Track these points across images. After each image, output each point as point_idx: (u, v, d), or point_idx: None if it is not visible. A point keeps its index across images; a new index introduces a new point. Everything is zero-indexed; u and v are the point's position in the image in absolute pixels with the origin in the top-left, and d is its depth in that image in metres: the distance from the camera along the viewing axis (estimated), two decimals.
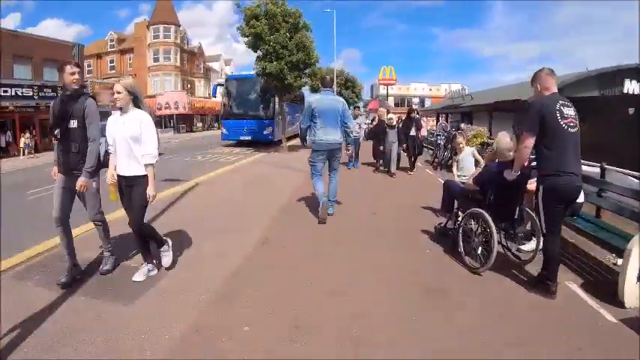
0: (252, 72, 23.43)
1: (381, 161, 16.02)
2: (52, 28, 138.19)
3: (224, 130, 29.27)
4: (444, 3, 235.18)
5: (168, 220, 8.55)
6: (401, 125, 16.09)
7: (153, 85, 62.98)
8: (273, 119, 27.29)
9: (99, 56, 68.13)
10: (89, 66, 66.42)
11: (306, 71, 22.57)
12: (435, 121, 44.28)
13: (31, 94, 36.49)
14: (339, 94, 47.53)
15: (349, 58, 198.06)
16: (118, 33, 69.75)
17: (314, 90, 50.65)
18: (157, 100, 58.76)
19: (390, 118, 15.72)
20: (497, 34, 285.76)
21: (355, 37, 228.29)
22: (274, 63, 20.73)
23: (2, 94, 34.21)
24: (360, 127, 17.51)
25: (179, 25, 65.88)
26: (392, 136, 15.02)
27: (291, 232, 7.69)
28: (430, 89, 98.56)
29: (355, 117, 16.64)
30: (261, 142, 27.38)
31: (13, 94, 35.07)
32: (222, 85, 29.95)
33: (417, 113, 16.48)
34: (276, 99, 25.87)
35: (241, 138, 28.06)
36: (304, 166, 12.08)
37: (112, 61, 67.78)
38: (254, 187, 12.77)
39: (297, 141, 30.21)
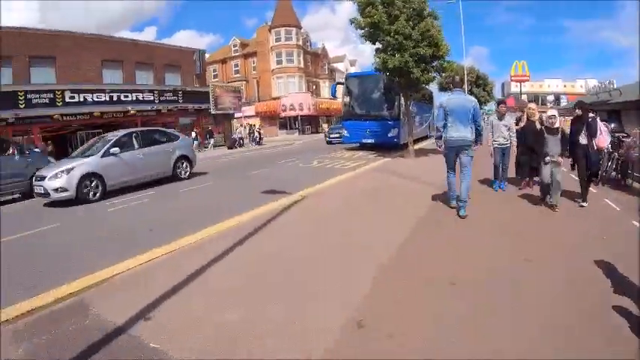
0: (373, 66, 20.61)
1: (530, 181, 11.43)
2: (185, 39, 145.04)
3: (345, 132, 27.01)
4: None
5: (242, 261, 6.50)
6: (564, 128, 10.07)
7: (277, 87, 62.73)
8: (398, 120, 24.44)
9: (224, 61, 69.48)
10: (214, 71, 68.33)
11: (434, 64, 19.49)
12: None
13: (152, 98, 37.51)
14: (470, 92, 44.40)
15: (477, 55, 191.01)
16: (241, 39, 70.35)
17: (442, 88, 48.58)
18: (281, 101, 59.02)
19: (552, 116, 9.17)
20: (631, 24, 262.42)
21: (481, 34, 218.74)
22: (396, 56, 17.98)
23: (123, 98, 35.43)
24: (509, 130, 11.24)
25: (300, 27, 65.17)
26: (553, 144, 9.04)
27: (399, 308, 4.61)
28: (565, 85, 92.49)
29: (501, 117, 11.40)
30: (385, 146, 24.80)
31: (134, 98, 36.17)
32: (341, 83, 27.71)
33: (591, 111, 9.91)
34: (402, 97, 22.85)
35: (363, 141, 25.75)
36: (435, 178, 11.45)
37: (236, 65, 68.58)
38: (368, 207, 10.01)
39: (425, 144, 27.65)
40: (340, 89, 27.30)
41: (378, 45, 19.15)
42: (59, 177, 13.22)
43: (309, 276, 5.68)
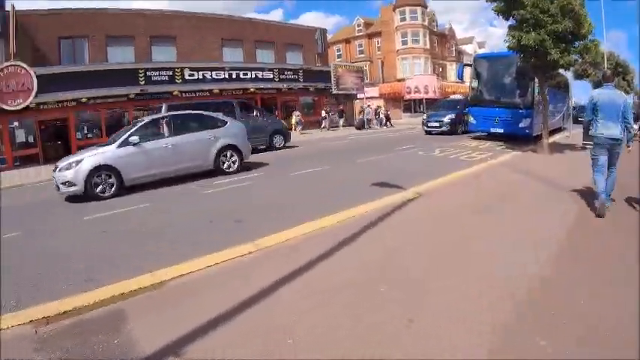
0: (505, 44, 17.67)
1: None
2: (311, 20, 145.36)
3: (471, 119, 24.32)
4: None
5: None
6: None
7: (402, 69, 60.59)
8: (531, 108, 21.51)
9: (347, 41, 68.25)
10: (338, 51, 67.44)
11: (576, 45, 16.39)
12: None
13: (271, 76, 37.55)
14: None
15: (614, 40, 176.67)
16: (365, 18, 68.67)
17: (578, 76, 44.50)
18: (405, 83, 56.91)
19: None
20: None
21: (619, 17, 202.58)
22: (532, 34, 15.28)
23: (242, 76, 35.86)
24: None
25: (426, 7, 62.24)
26: None
27: None
28: None
29: None
30: (515, 137, 22.10)
31: (253, 76, 36.49)
32: (469, 65, 25.15)
33: None
34: (536, 83, 20.14)
35: (492, 130, 23.04)
36: (577, 182, 10.02)
37: (360, 46, 67.20)
38: (488, 220, 7.75)
39: (559, 137, 24.80)
40: (468, 71, 24.66)
41: (512, 22, 16.54)
42: (69, 169, 11.95)
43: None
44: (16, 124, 27.91)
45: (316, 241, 6.66)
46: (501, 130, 22.46)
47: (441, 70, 65.51)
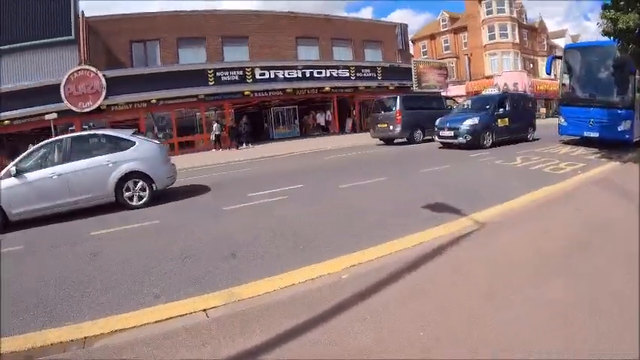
0: (599, 29, 14.64)
1: None
2: (400, 17, 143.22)
3: (561, 121, 20.93)
4: None
5: None
6: None
7: (490, 65, 57.57)
8: (631, 109, 18.10)
9: (432, 37, 65.82)
10: (423, 47, 66.09)
11: None
12: None
13: (347, 74, 35.59)
14: None
15: None
16: (450, 12, 65.20)
17: None
18: (494, 80, 52.62)
19: None
20: None
21: None
22: (631, 15, 12.45)
23: (317, 75, 34.28)
24: None
25: None
26: None
27: None
28: None
29: None
30: (612, 142, 18.78)
31: (328, 75, 34.66)
32: (559, 57, 22.16)
33: None
34: (637, 77, 17.25)
35: (585, 134, 19.62)
36: None
37: (445, 41, 64.38)
38: (577, 285, 4.97)
39: None
40: (558, 65, 21.60)
41: None
42: None
43: None
44: (91, 124, 28.29)
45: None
46: (596, 135, 19.18)
47: (532, 65, 61.39)
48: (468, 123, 19.77)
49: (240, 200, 11.24)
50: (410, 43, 64.39)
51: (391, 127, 25.03)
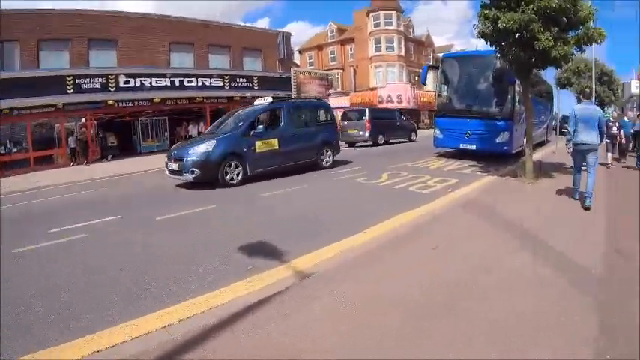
0: (475, 31, 12.66)
1: None
2: (297, 30, 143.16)
3: (437, 133, 19.62)
4: None
5: None
6: None
7: (376, 77, 56.39)
8: (511, 120, 17.21)
9: (319, 48, 64.11)
10: (310, 58, 64.26)
11: (572, 34, 11.84)
12: None
13: (221, 83, 33.03)
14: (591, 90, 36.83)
15: (596, 54, 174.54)
16: (338, 24, 64.15)
17: (562, 85, 41.03)
18: (377, 92, 52.37)
19: None
20: None
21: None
22: (513, 14, 10.91)
23: (187, 83, 31.42)
24: None
25: (401, 12, 57.90)
26: None
27: None
28: None
29: None
30: (491, 154, 17.85)
31: (200, 84, 32.01)
32: (435, 67, 20.93)
33: None
34: (517, 88, 16.20)
35: (462, 146, 18.44)
36: (586, 242, 6.89)
37: (332, 53, 62.98)
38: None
39: (544, 153, 20.82)
40: (433, 75, 20.55)
41: None
42: None
43: None
44: None
45: None
46: (474, 147, 18.03)
47: (417, 78, 60.44)
48: (197, 151, 13.68)
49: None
50: (296, 52, 63.07)
51: (361, 133, 29.00)
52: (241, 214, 10.11)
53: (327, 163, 17.03)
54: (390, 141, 30.66)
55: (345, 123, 30.44)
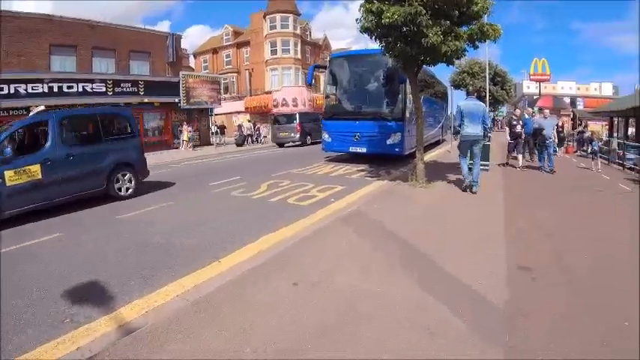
0: (358, 25, 11.20)
1: None
2: (197, 34, 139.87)
3: (325, 137, 18.47)
4: None
5: None
6: None
7: (271, 80, 54.40)
8: (402, 120, 16.35)
9: (215, 51, 61.56)
10: (205, 61, 61.78)
11: (465, 29, 10.66)
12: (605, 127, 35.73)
13: (103, 89, 29.69)
14: (483, 91, 38.28)
15: (490, 56, 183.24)
16: (234, 26, 61.71)
17: (457, 85, 41.48)
18: (273, 96, 50.48)
19: None
20: None
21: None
22: (399, 7, 9.62)
23: (67, 89, 28.03)
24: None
25: (298, 14, 56.22)
26: None
27: None
28: (578, 88, 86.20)
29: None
30: (384, 157, 17.09)
31: (80, 89, 28.57)
32: (322, 67, 19.78)
33: None
34: (408, 87, 14.96)
35: (352, 149, 17.41)
36: (478, 262, 5.70)
37: (227, 56, 60.56)
38: None
39: (438, 152, 20.46)
40: (321, 75, 19.51)
41: None
42: None
43: None
44: None
45: None
46: (364, 150, 17.03)
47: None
48: None
49: None
50: (190, 55, 60.58)
51: (292, 135, 32.26)
52: (178, 214, 8.61)
53: (126, 191, 12.17)
54: (317, 141, 30.55)
55: (277, 126, 34.29)
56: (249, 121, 41.35)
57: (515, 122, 16.59)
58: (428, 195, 10.55)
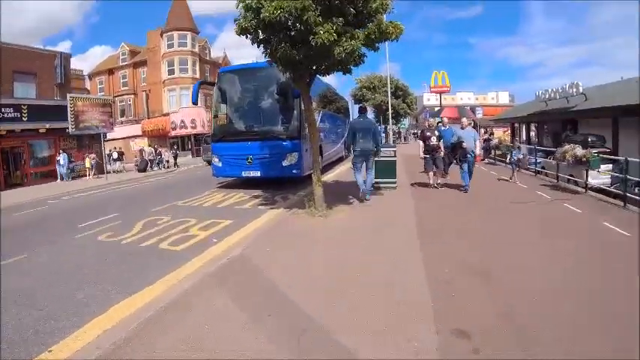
0: (235, 25, 9.14)
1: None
2: (100, 54, 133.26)
3: (215, 161, 16.46)
4: (482, 12, 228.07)
5: None
6: None
7: (169, 101, 51.35)
8: (298, 139, 14.72)
9: (111, 72, 57.58)
10: (101, 83, 57.89)
11: (361, 29, 9.05)
12: (507, 133, 38.06)
13: None
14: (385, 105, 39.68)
15: (390, 71, 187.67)
16: (131, 46, 58.04)
17: (358, 100, 40.91)
18: (170, 118, 48.12)
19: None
20: (536, 40, 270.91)
21: (394, 51, 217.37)
22: (281, 1, 7.91)
23: None
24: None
25: (197, 32, 53.92)
26: None
27: None
28: (477, 98, 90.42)
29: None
30: (282, 180, 15.43)
31: None
32: (209, 84, 17.95)
33: None
34: (301, 103, 12.77)
35: (244, 174, 15.48)
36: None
37: (124, 77, 56.68)
38: None
39: (340, 170, 19.11)
40: (206, 93, 17.83)
41: None
42: None
43: None
44: None
45: None
46: (257, 174, 15.17)
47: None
48: None
49: None
50: (85, 77, 56.30)
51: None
52: None
53: None
54: None
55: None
56: (149, 146, 39.20)
57: (429, 134, 13.71)
58: (327, 227, 8.94)
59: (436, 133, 13.89)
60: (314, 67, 9.68)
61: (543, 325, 4.20)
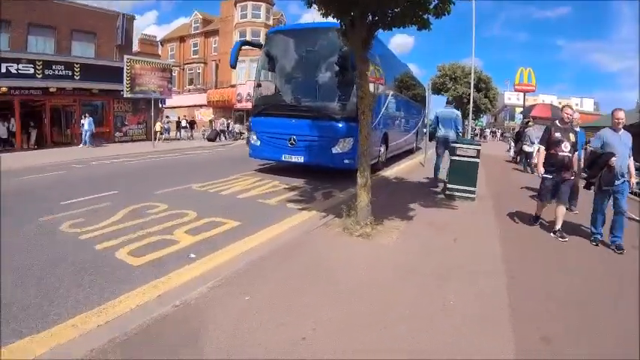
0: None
1: None
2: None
3: (253, 139, 13.38)
4: (568, 13, 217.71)
5: None
6: None
7: (237, 73, 47.70)
8: (356, 122, 9.92)
9: (182, 39, 55.90)
10: (172, 50, 56.34)
11: None
12: None
13: (31, 71, 24.34)
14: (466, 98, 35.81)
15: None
16: (204, 14, 56.06)
17: (437, 90, 39.39)
18: (237, 90, 45.69)
19: None
20: (625, 47, 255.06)
21: (476, 46, 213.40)
22: None
23: None
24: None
25: (272, 4, 50.64)
26: None
27: None
28: (559, 102, 79.93)
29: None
30: (329, 170, 12.05)
31: (4, 70, 23.31)
32: (256, 46, 14.95)
33: None
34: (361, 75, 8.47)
35: (285, 158, 12.29)
36: None
37: (195, 45, 54.83)
38: None
39: (407, 164, 15.99)
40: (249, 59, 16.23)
41: None
42: None
43: None
44: None
45: None
46: (300, 160, 11.94)
47: None
48: None
49: None
50: (158, 42, 54.41)
51: None
52: None
53: None
54: None
55: None
56: (222, 117, 38.51)
57: (558, 135, 7.44)
58: (365, 260, 5.63)
59: (571, 136, 7.51)
60: (373, 15, 6.55)
61: None
